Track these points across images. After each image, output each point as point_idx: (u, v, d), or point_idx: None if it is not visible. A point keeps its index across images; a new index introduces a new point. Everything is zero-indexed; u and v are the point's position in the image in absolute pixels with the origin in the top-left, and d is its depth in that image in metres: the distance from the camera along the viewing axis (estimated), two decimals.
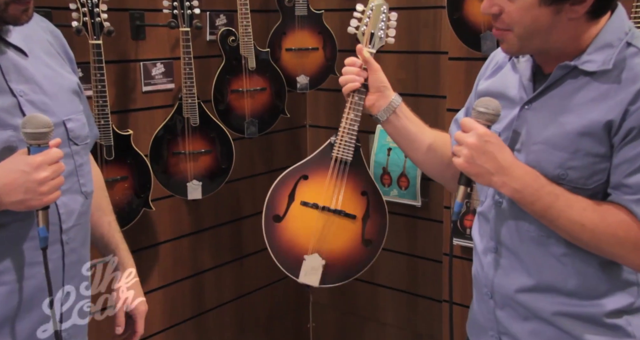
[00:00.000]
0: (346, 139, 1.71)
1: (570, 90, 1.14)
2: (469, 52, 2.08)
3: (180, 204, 2.38)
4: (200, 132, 2.23)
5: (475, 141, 1.12)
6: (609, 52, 1.11)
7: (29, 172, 1.06)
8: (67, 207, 1.20)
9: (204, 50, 2.35)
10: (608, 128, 1.09)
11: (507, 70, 1.27)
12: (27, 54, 1.18)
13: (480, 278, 1.31)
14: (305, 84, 2.53)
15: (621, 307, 1.18)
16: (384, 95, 1.42)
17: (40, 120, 1.07)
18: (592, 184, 1.13)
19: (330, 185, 1.74)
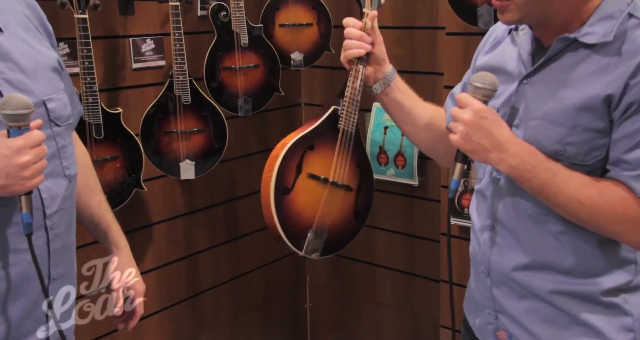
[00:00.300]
0: (351, 109, 1.67)
1: (570, 63, 1.11)
2: (467, 27, 2.03)
3: (173, 184, 2.34)
4: (192, 111, 2.19)
5: (471, 117, 1.10)
6: (610, 24, 1.08)
7: (10, 156, 1.01)
8: (50, 192, 1.16)
9: (194, 25, 2.30)
10: (608, 102, 1.07)
11: (506, 44, 1.24)
12: (2, 29, 1.12)
13: (477, 256, 1.30)
14: (300, 60, 2.48)
15: (618, 286, 1.16)
16: (382, 67, 1.39)
17: (20, 101, 1.02)
18: (590, 160, 1.10)
19: (337, 159, 1.71)
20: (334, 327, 2.98)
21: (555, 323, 1.19)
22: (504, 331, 1.26)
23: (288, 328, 2.98)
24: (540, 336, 1.21)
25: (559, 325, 1.19)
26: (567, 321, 1.18)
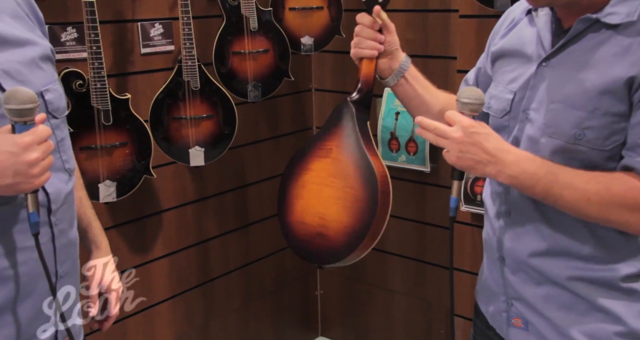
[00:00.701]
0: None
1: (592, 45, 1.08)
2: (481, 9, 1.99)
3: (182, 170, 2.33)
4: (201, 96, 2.16)
5: (462, 135, 1.08)
6: (634, 4, 1.05)
7: (18, 153, 0.96)
8: (54, 187, 1.12)
9: (203, 9, 2.26)
10: (629, 85, 1.04)
11: (524, 26, 1.21)
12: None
13: (491, 242, 1.28)
14: (310, 45, 2.44)
15: (637, 271, 1.14)
16: (395, 57, 1.35)
17: (25, 95, 0.97)
18: (609, 145, 1.08)
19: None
20: (344, 315, 2.97)
21: (573, 309, 1.18)
22: (519, 318, 1.24)
23: (299, 315, 2.97)
24: (558, 323, 1.19)
25: (577, 312, 1.17)
26: (585, 307, 1.16)
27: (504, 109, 1.20)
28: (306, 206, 1.38)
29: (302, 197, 1.39)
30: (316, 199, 1.36)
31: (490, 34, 1.33)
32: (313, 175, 1.38)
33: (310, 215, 1.36)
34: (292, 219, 1.40)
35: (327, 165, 1.36)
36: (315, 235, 1.35)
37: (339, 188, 1.32)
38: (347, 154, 1.34)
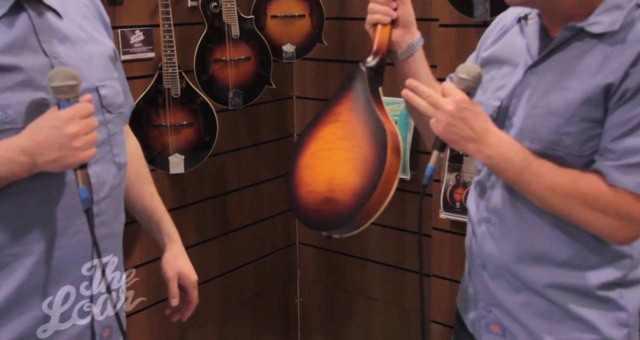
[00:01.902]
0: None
1: (576, 53, 1.11)
2: (461, 19, 2.01)
3: (162, 178, 2.31)
4: (181, 104, 2.16)
5: (453, 108, 1.10)
6: (617, 14, 1.08)
7: (60, 126, 1.02)
8: (99, 177, 1.17)
9: (185, 17, 2.26)
10: (607, 91, 1.06)
11: (515, 34, 1.24)
12: (61, 16, 1.14)
13: (473, 249, 1.29)
14: (292, 53, 2.45)
15: (614, 280, 1.16)
16: (410, 30, 1.30)
17: (67, 73, 1.03)
18: (586, 151, 1.10)
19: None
20: (324, 323, 2.96)
21: (549, 317, 1.19)
22: (497, 325, 1.26)
23: (278, 323, 2.96)
24: (535, 330, 1.21)
25: (554, 320, 1.19)
26: (561, 315, 1.18)
27: (491, 115, 1.22)
28: (315, 174, 1.29)
29: (312, 165, 1.30)
30: (325, 165, 1.28)
31: (469, 41, 1.35)
32: (322, 142, 1.30)
33: (318, 182, 1.26)
34: (301, 190, 1.31)
35: (337, 129, 1.28)
36: (324, 201, 1.24)
37: (348, 149, 1.25)
38: (357, 115, 1.27)
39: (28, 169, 1.04)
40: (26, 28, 1.09)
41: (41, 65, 1.08)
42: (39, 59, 1.09)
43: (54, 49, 1.11)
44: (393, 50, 1.32)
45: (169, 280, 1.43)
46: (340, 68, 2.63)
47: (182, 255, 1.45)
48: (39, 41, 1.09)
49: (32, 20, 1.09)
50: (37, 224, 1.10)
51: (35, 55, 1.09)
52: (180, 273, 1.44)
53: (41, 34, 1.10)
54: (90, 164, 1.13)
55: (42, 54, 1.09)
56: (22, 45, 1.07)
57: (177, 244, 1.46)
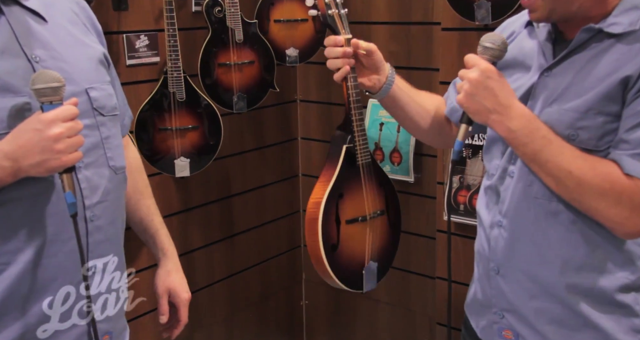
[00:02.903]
0: (362, 141, 1.69)
1: (594, 53, 1.11)
2: (463, 22, 2.02)
3: (168, 181, 2.33)
4: (186, 108, 2.17)
5: (477, 76, 1.09)
6: (635, 14, 1.09)
7: (42, 129, 1.00)
8: (90, 182, 1.14)
9: (189, 21, 2.28)
10: (624, 84, 1.06)
11: (524, 37, 1.24)
12: (45, 19, 1.13)
13: (485, 253, 1.27)
14: (295, 56, 2.47)
15: (630, 283, 1.15)
16: (381, 72, 1.39)
17: (49, 75, 1.01)
18: (603, 146, 1.10)
19: (367, 193, 1.75)
20: (329, 325, 2.97)
21: (564, 324, 1.18)
22: (510, 330, 1.25)
23: (284, 326, 2.97)
24: (549, 336, 1.20)
25: (568, 326, 1.18)
26: (576, 322, 1.17)
27: None
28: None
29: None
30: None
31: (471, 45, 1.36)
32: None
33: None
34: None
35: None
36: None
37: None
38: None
39: (12, 173, 1.02)
40: (5, 33, 1.07)
41: (23, 70, 1.06)
42: (20, 63, 1.07)
43: (37, 53, 1.09)
44: (373, 92, 1.39)
45: (159, 297, 1.40)
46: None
47: (175, 272, 1.41)
48: (20, 45, 1.08)
49: (11, 25, 1.07)
50: (25, 232, 1.08)
51: (16, 60, 1.07)
52: (171, 290, 1.41)
53: (22, 38, 1.08)
54: (81, 168, 1.12)
55: (24, 58, 1.08)
56: (2, 51, 1.06)
57: (171, 259, 1.42)
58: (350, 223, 1.75)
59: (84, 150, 1.13)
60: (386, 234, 1.82)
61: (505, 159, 1.22)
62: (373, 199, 1.75)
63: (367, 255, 1.75)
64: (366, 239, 1.75)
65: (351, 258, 1.77)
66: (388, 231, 1.82)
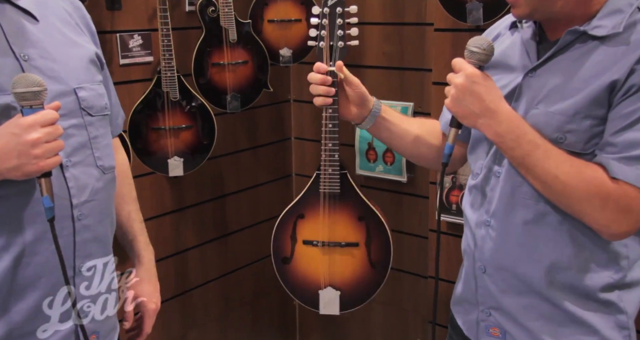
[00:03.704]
0: (330, 171, 1.71)
1: (578, 54, 1.12)
2: (455, 23, 2.03)
3: (161, 181, 2.33)
4: (180, 107, 2.18)
5: (463, 81, 1.11)
6: (619, 17, 1.10)
7: (19, 133, 0.99)
8: (78, 181, 1.14)
9: (183, 21, 2.28)
10: (611, 88, 1.08)
11: (507, 38, 1.26)
12: (37, 19, 1.13)
13: (472, 252, 1.29)
14: (289, 56, 2.47)
15: (613, 282, 1.17)
16: (365, 104, 1.39)
17: (30, 79, 1.00)
18: (590, 149, 1.11)
19: (325, 220, 1.77)
20: (322, 324, 2.98)
21: (551, 320, 1.20)
22: (497, 328, 1.26)
23: (277, 325, 2.98)
24: (536, 333, 1.21)
25: (555, 322, 1.19)
26: (563, 318, 1.19)
27: None
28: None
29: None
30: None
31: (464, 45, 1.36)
32: None
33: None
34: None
35: None
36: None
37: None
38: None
39: None
40: None
41: (10, 68, 1.06)
42: (7, 61, 1.07)
43: (25, 51, 1.08)
44: (357, 123, 1.41)
45: (126, 304, 1.37)
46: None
47: (147, 280, 1.40)
48: (9, 44, 1.07)
49: (1, 24, 1.07)
50: (11, 230, 1.08)
51: (4, 58, 1.06)
52: (138, 299, 1.39)
53: (11, 36, 1.08)
54: (68, 167, 1.12)
55: (12, 56, 1.07)
56: None
57: (145, 267, 1.41)
58: (306, 244, 1.81)
59: (71, 149, 1.13)
60: (360, 268, 1.82)
61: (489, 159, 1.23)
62: (334, 229, 1.77)
63: (324, 281, 1.79)
64: (321, 264, 1.79)
65: (305, 276, 1.82)
66: (364, 266, 1.81)
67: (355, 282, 1.81)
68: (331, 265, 1.78)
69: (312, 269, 1.80)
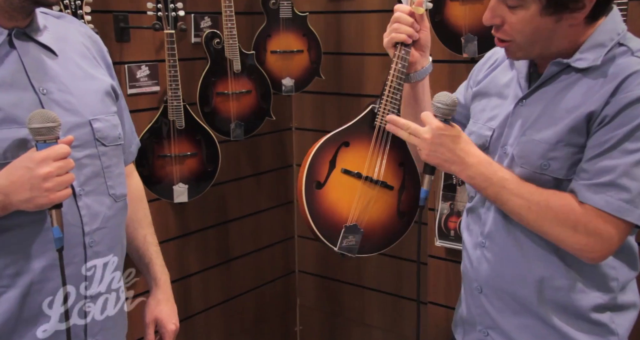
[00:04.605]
0: (389, 107, 1.63)
1: (563, 85, 1.19)
2: (452, 55, 2.10)
3: (166, 207, 2.37)
4: (186, 135, 2.23)
5: (430, 136, 1.19)
6: (600, 51, 1.16)
7: (32, 167, 1.04)
8: (90, 209, 1.18)
9: (189, 52, 2.35)
10: (589, 118, 1.14)
11: (505, 68, 1.32)
12: (56, 54, 1.19)
13: (469, 273, 1.34)
14: (291, 86, 2.54)
15: (604, 303, 1.21)
16: (425, 55, 1.43)
17: (45, 115, 1.05)
18: (571, 175, 1.17)
19: (373, 155, 1.72)
20: None
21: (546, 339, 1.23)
22: None
23: None
24: None
25: None
26: (557, 338, 1.22)
27: (482, 144, 1.29)
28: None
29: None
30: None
31: (460, 76, 1.42)
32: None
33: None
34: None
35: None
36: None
37: None
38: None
39: (3, 207, 1.05)
40: (15, 66, 1.12)
41: (29, 102, 1.10)
42: (27, 95, 1.11)
43: (45, 86, 1.13)
44: (409, 72, 1.42)
45: (146, 326, 1.43)
46: (337, 100, 2.72)
47: (165, 302, 1.44)
48: (29, 78, 1.12)
49: (22, 59, 1.12)
50: (26, 257, 1.11)
51: (24, 92, 1.11)
52: (158, 320, 1.43)
53: (31, 71, 1.12)
54: (81, 196, 1.16)
55: (32, 90, 1.11)
56: (11, 83, 1.10)
57: (162, 289, 1.44)
58: (345, 173, 1.72)
59: (85, 178, 1.18)
60: (387, 213, 1.77)
61: None
62: (378, 165, 1.71)
63: (352, 215, 1.71)
64: (355, 197, 1.71)
65: (333, 207, 1.72)
66: (392, 212, 1.77)
67: (379, 227, 1.76)
68: (363, 203, 1.73)
69: (343, 201, 1.72)
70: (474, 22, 2.00)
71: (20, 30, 1.14)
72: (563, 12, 1.12)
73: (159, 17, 2.06)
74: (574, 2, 1.10)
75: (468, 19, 2.01)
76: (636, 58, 1.14)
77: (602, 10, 1.15)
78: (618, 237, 1.13)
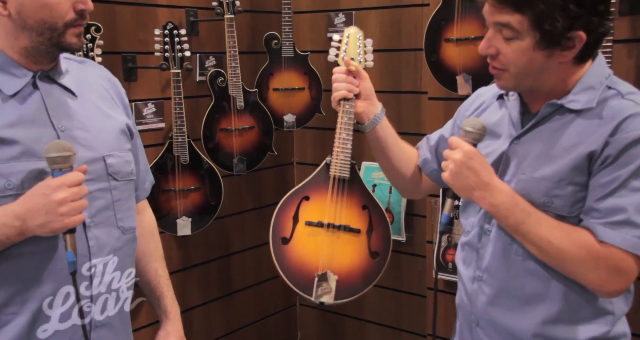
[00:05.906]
0: (341, 157, 1.76)
1: (558, 125, 1.23)
2: (447, 93, 2.16)
3: (169, 240, 2.40)
4: (190, 170, 2.28)
5: (461, 157, 1.21)
6: (592, 93, 1.21)
7: (48, 194, 1.09)
8: (98, 240, 1.23)
9: (193, 90, 2.42)
10: (590, 158, 1.18)
11: (495, 108, 1.36)
12: (76, 95, 1.26)
13: (465, 306, 1.36)
14: (292, 122, 2.60)
15: (599, 335, 1.24)
16: (373, 103, 1.49)
17: (61, 145, 1.11)
18: (575, 212, 1.20)
19: (332, 203, 1.79)
20: None
21: None
22: None
23: None
24: None
25: None
26: None
27: None
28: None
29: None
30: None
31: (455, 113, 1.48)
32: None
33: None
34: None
35: None
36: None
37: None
38: None
39: (20, 232, 1.10)
40: (37, 105, 1.19)
41: (48, 138, 1.16)
42: (46, 132, 1.17)
43: (63, 123, 1.20)
44: (360, 123, 1.49)
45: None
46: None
47: (174, 335, 1.46)
48: (49, 116, 1.19)
49: (44, 99, 1.19)
50: (35, 284, 1.15)
51: (44, 129, 1.17)
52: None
53: (52, 110, 1.19)
54: (91, 227, 1.21)
55: (51, 127, 1.18)
56: (32, 120, 1.17)
57: (172, 321, 1.47)
58: (308, 225, 1.79)
59: (95, 210, 1.23)
60: (359, 255, 1.81)
61: (480, 217, 1.32)
62: (340, 212, 1.78)
63: (322, 264, 1.75)
64: (322, 246, 1.76)
65: (302, 259, 1.77)
66: (363, 254, 1.81)
67: (353, 270, 1.79)
68: (330, 250, 1.76)
69: (310, 252, 1.77)
70: (468, 62, 2.07)
71: (44, 73, 1.22)
72: (555, 48, 1.17)
73: (166, 57, 2.14)
74: (566, 39, 1.16)
75: (462, 59, 2.08)
76: (628, 101, 1.19)
77: (590, 52, 1.21)
78: (636, 271, 1.17)
